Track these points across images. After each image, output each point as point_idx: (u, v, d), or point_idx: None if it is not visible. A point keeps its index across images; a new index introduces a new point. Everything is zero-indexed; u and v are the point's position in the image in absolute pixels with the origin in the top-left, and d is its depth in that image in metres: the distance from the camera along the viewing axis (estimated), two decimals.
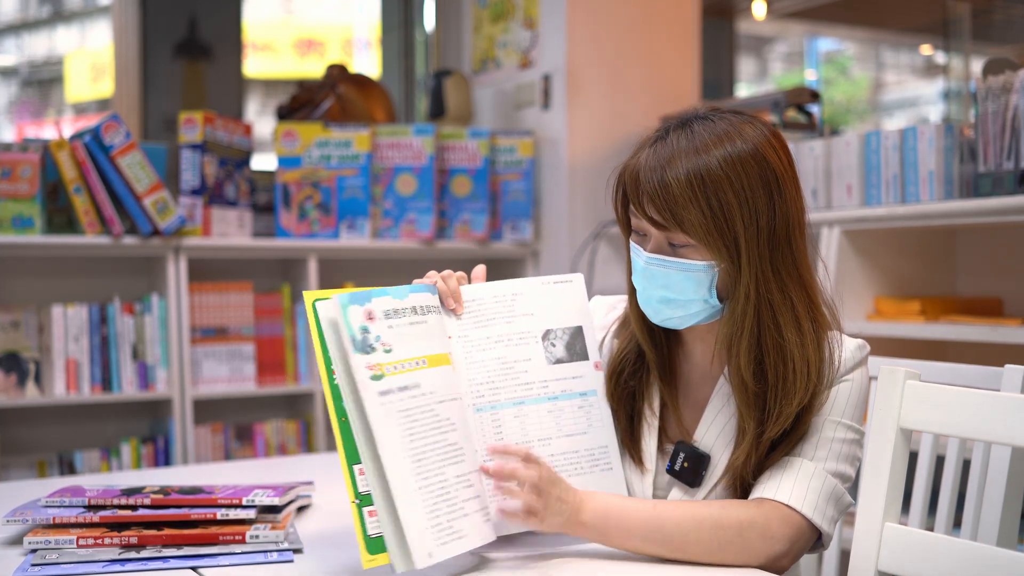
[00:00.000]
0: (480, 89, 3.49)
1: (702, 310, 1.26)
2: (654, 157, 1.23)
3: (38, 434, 2.83)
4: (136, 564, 1.18)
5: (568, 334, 1.32)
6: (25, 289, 2.80)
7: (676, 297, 1.25)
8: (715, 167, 1.20)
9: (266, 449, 2.98)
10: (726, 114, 1.27)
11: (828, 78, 6.96)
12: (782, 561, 1.20)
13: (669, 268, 1.24)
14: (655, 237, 1.24)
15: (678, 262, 1.23)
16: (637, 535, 1.18)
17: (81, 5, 5.95)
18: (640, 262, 1.26)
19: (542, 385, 1.29)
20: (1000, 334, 2.12)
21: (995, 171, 2.16)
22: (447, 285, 1.28)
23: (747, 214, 1.20)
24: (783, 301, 1.23)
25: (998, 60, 2.22)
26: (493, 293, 1.31)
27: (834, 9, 5.49)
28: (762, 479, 1.23)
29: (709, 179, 1.19)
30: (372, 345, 1.15)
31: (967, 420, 1.15)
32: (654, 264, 1.24)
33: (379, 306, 1.18)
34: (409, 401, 1.15)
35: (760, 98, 2.94)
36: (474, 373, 1.26)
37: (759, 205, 1.21)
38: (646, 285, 1.26)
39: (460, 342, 1.27)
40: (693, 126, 1.24)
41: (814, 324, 1.25)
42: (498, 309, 1.31)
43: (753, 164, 1.21)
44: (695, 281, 1.23)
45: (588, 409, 1.31)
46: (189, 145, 2.82)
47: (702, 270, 1.23)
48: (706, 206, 1.19)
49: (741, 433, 1.25)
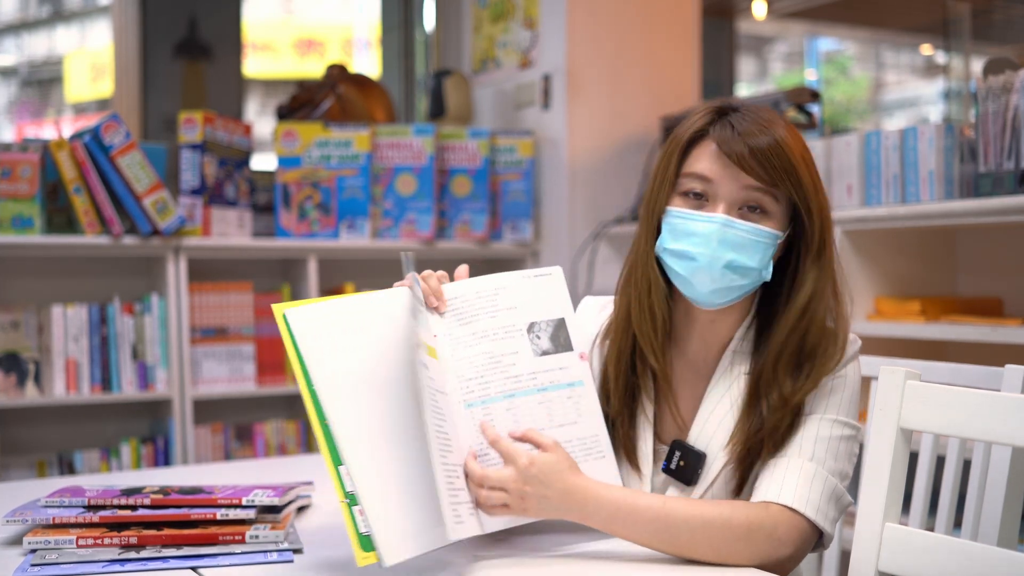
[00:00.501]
0: (480, 89, 3.48)
1: (755, 282, 1.27)
2: (747, 123, 1.24)
3: (38, 434, 2.83)
4: (136, 564, 1.18)
5: (552, 326, 1.32)
6: (25, 289, 2.80)
7: (745, 263, 1.24)
8: (799, 142, 1.26)
9: (266, 449, 2.98)
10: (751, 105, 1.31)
11: (828, 78, 6.96)
12: (786, 564, 1.20)
13: (745, 232, 1.23)
14: (728, 198, 1.24)
15: (754, 227, 1.24)
16: (645, 531, 1.17)
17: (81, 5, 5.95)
18: (714, 226, 1.23)
19: (531, 377, 1.29)
20: (1000, 334, 2.12)
21: (995, 171, 2.16)
22: (428, 285, 1.28)
23: (821, 187, 1.27)
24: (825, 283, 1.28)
25: (998, 60, 2.22)
26: (475, 289, 1.31)
27: (834, 9, 5.48)
28: (763, 481, 1.23)
29: (806, 148, 1.26)
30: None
31: (967, 420, 1.15)
32: (732, 227, 1.23)
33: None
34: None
35: (760, 98, 2.94)
36: (463, 369, 1.26)
37: (819, 182, 1.27)
38: (716, 248, 1.23)
39: (446, 340, 1.27)
40: (740, 109, 1.27)
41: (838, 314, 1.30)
42: (481, 304, 1.31)
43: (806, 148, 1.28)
44: (763, 249, 1.24)
45: (577, 399, 1.30)
46: (189, 145, 2.82)
47: (772, 239, 1.25)
48: (806, 171, 1.24)
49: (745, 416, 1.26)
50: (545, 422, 1.27)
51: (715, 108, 1.28)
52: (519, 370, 1.29)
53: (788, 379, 1.25)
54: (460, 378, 1.26)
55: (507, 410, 1.26)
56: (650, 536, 1.17)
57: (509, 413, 1.26)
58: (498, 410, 1.26)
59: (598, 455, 1.29)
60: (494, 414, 1.25)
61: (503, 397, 1.27)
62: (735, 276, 1.24)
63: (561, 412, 1.29)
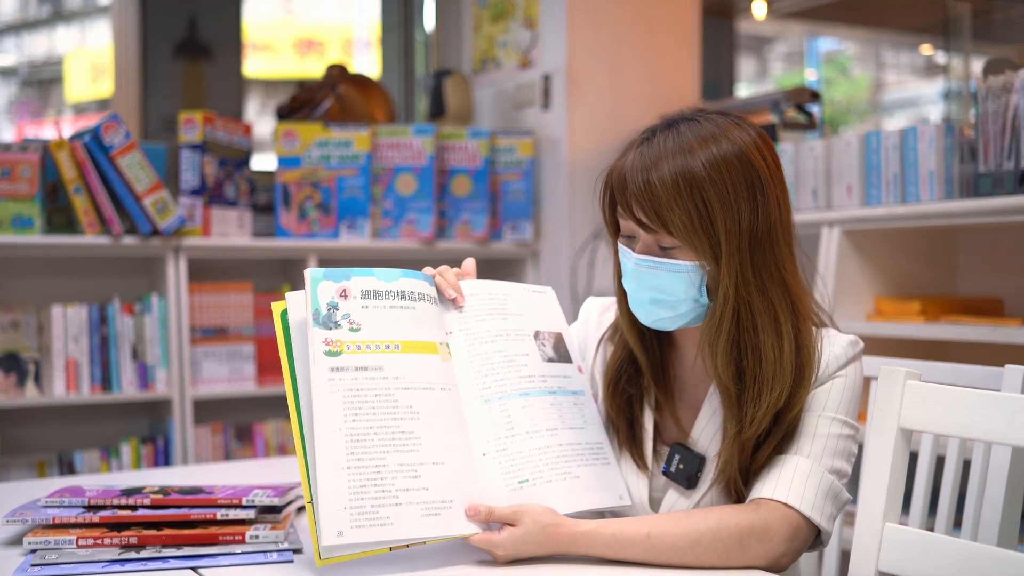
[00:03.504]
0: (480, 89, 3.48)
1: (692, 310, 1.25)
2: (640, 159, 1.23)
3: (38, 434, 2.83)
4: (136, 564, 1.18)
5: (553, 337, 1.35)
6: (25, 289, 2.80)
7: (666, 298, 1.25)
8: (699, 168, 1.20)
9: (266, 449, 2.98)
10: (713, 115, 1.27)
11: (828, 78, 6.96)
12: (782, 560, 1.20)
13: (658, 269, 1.24)
14: (643, 239, 1.25)
15: (667, 263, 1.23)
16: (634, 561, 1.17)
17: (81, 5, 5.94)
18: (629, 264, 1.26)
19: (541, 379, 1.30)
20: (1000, 334, 2.12)
21: (995, 171, 2.15)
22: (446, 279, 1.29)
23: (729, 216, 1.20)
24: (763, 303, 1.23)
25: (998, 60, 2.22)
26: (488, 290, 1.33)
27: (834, 9, 5.48)
28: (759, 479, 1.23)
29: (694, 180, 1.19)
30: (337, 322, 1.17)
31: (967, 420, 1.15)
32: (643, 266, 1.25)
33: (357, 285, 1.20)
34: (364, 382, 1.16)
35: (760, 98, 2.94)
36: (479, 365, 1.27)
37: (741, 207, 1.21)
38: (636, 287, 1.26)
39: (462, 335, 1.28)
40: (680, 127, 1.25)
41: (795, 327, 1.25)
42: (494, 305, 1.32)
43: (737, 165, 1.21)
44: (685, 281, 1.23)
45: (581, 407, 1.32)
46: (189, 145, 2.82)
47: (691, 270, 1.23)
48: (691, 207, 1.19)
49: (725, 435, 1.26)
50: (557, 423, 1.28)
51: (639, 138, 1.28)
52: (530, 371, 1.29)
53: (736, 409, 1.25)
54: (477, 373, 1.26)
55: (523, 407, 1.26)
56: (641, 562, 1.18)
57: (525, 410, 1.26)
58: (515, 407, 1.26)
59: (604, 461, 1.30)
60: (511, 411, 1.25)
61: (519, 395, 1.27)
62: (663, 310, 1.26)
63: (570, 416, 1.30)
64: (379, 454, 1.14)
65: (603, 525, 1.18)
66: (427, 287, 1.27)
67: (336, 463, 1.11)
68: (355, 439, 1.13)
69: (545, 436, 1.26)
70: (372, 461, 1.13)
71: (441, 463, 1.17)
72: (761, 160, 1.23)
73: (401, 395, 1.18)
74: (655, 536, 1.17)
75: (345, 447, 1.12)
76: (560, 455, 1.25)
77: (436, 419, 1.20)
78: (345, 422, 1.13)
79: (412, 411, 1.18)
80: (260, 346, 2.94)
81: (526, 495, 1.20)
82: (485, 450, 1.22)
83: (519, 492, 1.20)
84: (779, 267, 1.24)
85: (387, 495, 1.12)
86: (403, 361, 1.20)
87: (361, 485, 1.11)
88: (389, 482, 1.13)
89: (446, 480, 1.17)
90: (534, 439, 1.25)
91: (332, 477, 1.10)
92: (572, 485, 1.24)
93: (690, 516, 1.19)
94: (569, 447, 1.27)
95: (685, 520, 1.18)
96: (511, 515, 1.16)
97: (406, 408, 1.17)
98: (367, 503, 1.11)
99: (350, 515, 1.10)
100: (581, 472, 1.26)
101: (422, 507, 1.14)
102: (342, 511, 1.09)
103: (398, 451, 1.15)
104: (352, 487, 1.11)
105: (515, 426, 1.25)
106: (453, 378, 1.24)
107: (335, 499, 1.10)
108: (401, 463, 1.15)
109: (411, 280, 1.25)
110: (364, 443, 1.13)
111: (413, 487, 1.14)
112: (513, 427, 1.25)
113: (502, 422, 1.25)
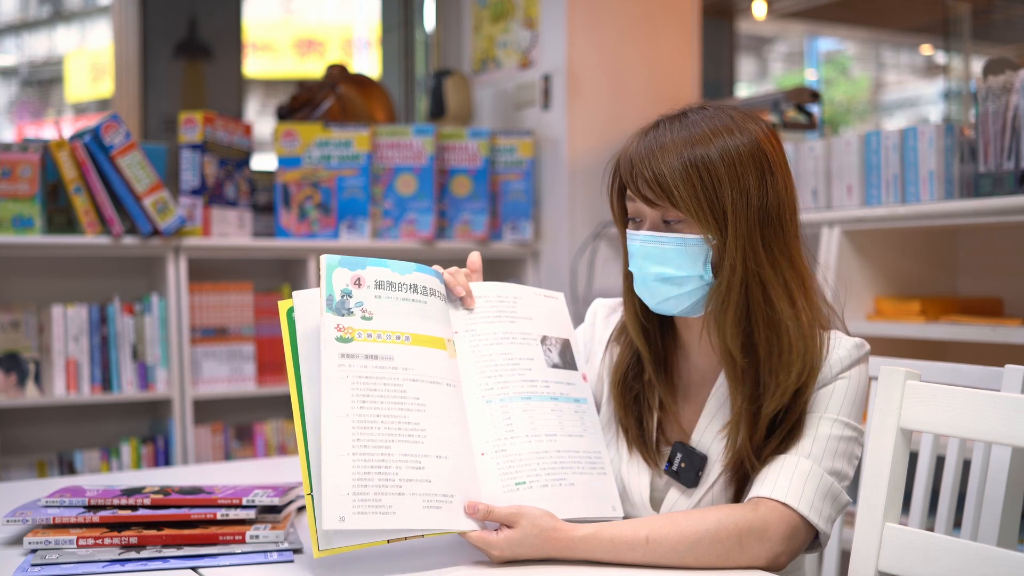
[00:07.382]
0: (480, 89, 3.49)
1: (698, 287, 1.26)
2: (646, 142, 1.26)
3: (38, 434, 2.83)
4: (136, 564, 1.18)
5: (560, 344, 1.35)
6: (25, 289, 2.80)
7: (673, 273, 1.25)
8: (706, 144, 1.23)
9: (266, 449, 2.98)
10: (723, 107, 1.30)
11: (828, 78, 6.96)
12: (780, 559, 1.20)
13: (664, 244, 1.25)
14: (650, 216, 1.26)
15: (672, 236, 1.24)
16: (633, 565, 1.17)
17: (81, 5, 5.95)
18: (636, 244, 1.27)
19: (544, 384, 1.30)
20: (1000, 334, 2.12)
21: (995, 171, 2.16)
22: (456, 279, 1.30)
23: (736, 189, 1.22)
24: (775, 276, 1.24)
25: (998, 60, 2.22)
26: (497, 293, 1.34)
27: (834, 9, 5.49)
28: (758, 478, 1.23)
29: (701, 157, 1.22)
30: (350, 309, 1.18)
31: (967, 420, 1.15)
32: (649, 242, 1.26)
33: (372, 275, 1.21)
34: (374, 370, 1.17)
35: (760, 98, 2.94)
36: (483, 366, 1.27)
37: (750, 181, 1.23)
38: (642, 264, 1.27)
39: (467, 336, 1.28)
40: (688, 116, 1.27)
41: (808, 303, 1.26)
42: (502, 308, 1.33)
43: (746, 144, 1.24)
44: (690, 256, 1.24)
45: (582, 415, 1.32)
46: (189, 145, 2.82)
47: (696, 244, 1.24)
48: (696, 179, 1.21)
49: (734, 423, 1.26)
50: (556, 429, 1.28)
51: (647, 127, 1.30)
52: (534, 376, 1.30)
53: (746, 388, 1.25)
54: (480, 374, 1.26)
55: (524, 411, 1.26)
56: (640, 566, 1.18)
57: (526, 414, 1.26)
58: (516, 410, 1.26)
59: (600, 471, 1.30)
60: (512, 413, 1.26)
61: (521, 398, 1.27)
62: (669, 287, 1.26)
63: (570, 423, 1.30)
64: (384, 442, 1.14)
65: (601, 529, 1.17)
66: (438, 284, 1.28)
67: (342, 448, 1.11)
68: (362, 426, 1.13)
69: (544, 441, 1.26)
70: (377, 449, 1.13)
71: (444, 457, 1.18)
72: (770, 147, 1.26)
73: (409, 386, 1.18)
74: (654, 540, 1.17)
75: (351, 433, 1.13)
76: (557, 461, 1.25)
77: (442, 413, 1.20)
78: (353, 408, 1.14)
79: (419, 403, 1.18)
80: (260, 346, 2.94)
81: (521, 497, 1.20)
82: (484, 450, 1.22)
83: (515, 494, 1.20)
84: (788, 245, 1.26)
85: (390, 484, 1.13)
86: (413, 353, 1.20)
87: (365, 472, 1.12)
88: (393, 471, 1.13)
89: (449, 474, 1.17)
90: (533, 443, 1.25)
91: (337, 462, 1.11)
92: (566, 492, 1.24)
93: (688, 518, 1.19)
94: (567, 454, 1.27)
95: (684, 522, 1.18)
96: (509, 516, 1.16)
97: (413, 399, 1.18)
98: (371, 490, 1.11)
99: (353, 501, 1.10)
100: (576, 480, 1.25)
101: (424, 499, 1.14)
102: (345, 496, 1.10)
103: (403, 441, 1.15)
104: (356, 473, 1.11)
105: (515, 428, 1.25)
106: (458, 375, 1.25)
107: (339, 484, 1.10)
108: (406, 453, 1.15)
109: (423, 275, 1.26)
110: (370, 430, 1.14)
111: (416, 478, 1.14)
112: (513, 429, 1.25)
113: (502, 423, 1.25)
